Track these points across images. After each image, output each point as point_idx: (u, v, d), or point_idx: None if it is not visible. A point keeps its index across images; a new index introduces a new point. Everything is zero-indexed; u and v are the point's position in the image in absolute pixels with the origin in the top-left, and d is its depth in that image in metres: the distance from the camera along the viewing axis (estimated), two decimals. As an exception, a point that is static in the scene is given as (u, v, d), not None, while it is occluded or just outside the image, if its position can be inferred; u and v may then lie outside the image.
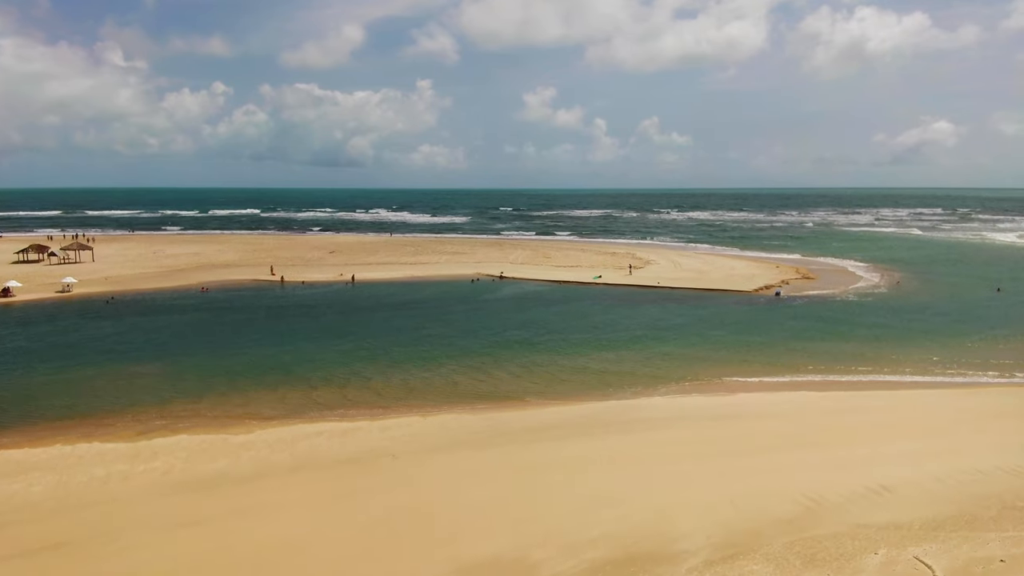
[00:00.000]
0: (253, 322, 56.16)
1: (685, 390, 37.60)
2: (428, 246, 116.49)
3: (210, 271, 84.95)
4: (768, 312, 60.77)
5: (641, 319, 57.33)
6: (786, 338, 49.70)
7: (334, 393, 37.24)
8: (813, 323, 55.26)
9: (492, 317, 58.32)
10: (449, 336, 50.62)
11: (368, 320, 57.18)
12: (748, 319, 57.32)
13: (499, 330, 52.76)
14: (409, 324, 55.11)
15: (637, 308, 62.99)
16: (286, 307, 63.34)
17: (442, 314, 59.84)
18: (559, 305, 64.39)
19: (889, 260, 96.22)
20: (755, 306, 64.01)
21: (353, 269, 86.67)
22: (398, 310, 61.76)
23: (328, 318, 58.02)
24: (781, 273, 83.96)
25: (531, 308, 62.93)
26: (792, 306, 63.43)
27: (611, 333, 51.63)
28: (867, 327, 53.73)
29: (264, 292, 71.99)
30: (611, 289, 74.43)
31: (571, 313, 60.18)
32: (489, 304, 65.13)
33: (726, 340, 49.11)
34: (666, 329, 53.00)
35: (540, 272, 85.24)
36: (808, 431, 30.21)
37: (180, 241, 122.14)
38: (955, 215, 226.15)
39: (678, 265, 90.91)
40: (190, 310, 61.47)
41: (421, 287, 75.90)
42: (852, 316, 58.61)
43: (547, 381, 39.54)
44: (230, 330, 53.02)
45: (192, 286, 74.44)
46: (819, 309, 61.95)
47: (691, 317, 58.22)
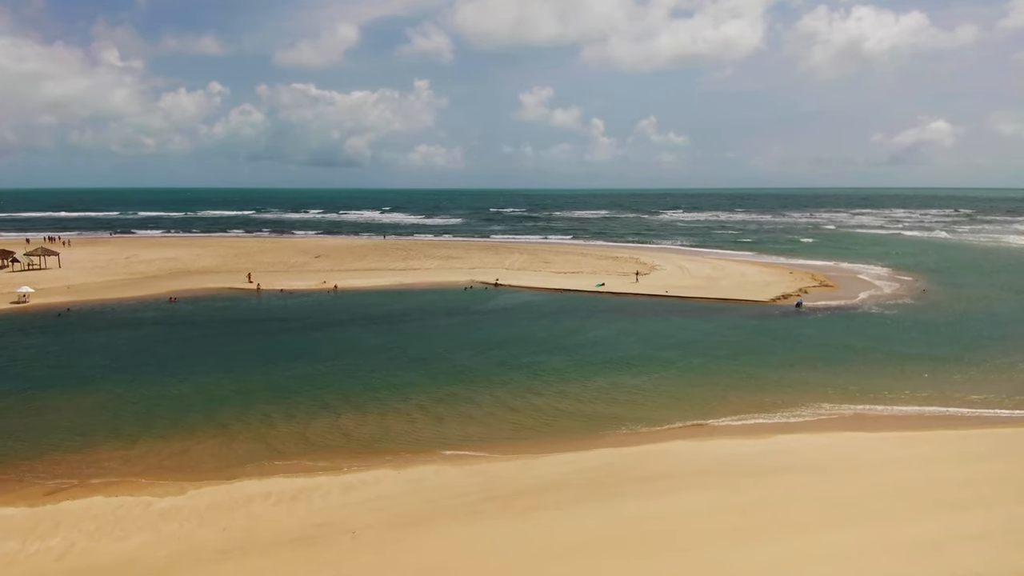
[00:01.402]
0: (216, 340, 50.15)
1: (709, 430, 31.76)
2: (420, 250, 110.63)
3: (183, 278, 78.93)
4: (788, 326, 55.00)
5: (650, 335, 51.53)
6: (814, 359, 43.93)
7: (294, 434, 31.32)
8: (841, 340, 49.48)
9: (484, 332, 52.44)
10: (435, 357, 44.71)
11: (346, 337, 51.26)
12: (768, 335, 51.53)
13: (492, 348, 46.92)
14: (391, 342, 49.21)
15: (645, 321, 57.20)
16: (257, 321, 57.33)
17: (429, 329, 53.97)
18: (559, 318, 58.50)
19: (908, 266, 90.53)
20: (773, 319, 58.26)
21: (338, 275, 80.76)
22: (381, 324, 55.85)
23: (301, 335, 52.04)
24: (796, 280, 78.24)
25: (528, 322, 57.08)
26: (813, 320, 57.66)
27: (617, 352, 45.78)
28: (903, 344, 48.04)
29: (237, 302, 66.00)
30: (615, 299, 68.60)
31: (573, 329, 54.24)
32: (482, 316, 59.25)
33: (747, 361, 43.30)
34: (678, 347, 47.17)
35: (538, 279, 79.39)
36: (868, 493, 24.36)
37: (159, 244, 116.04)
38: (964, 216, 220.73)
39: (686, 271, 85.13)
40: (150, 324, 55.46)
41: (409, 296, 69.99)
42: (883, 332, 52.83)
43: (546, 416, 33.69)
44: (188, 350, 47.02)
45: (160, 295, 68.43)
46: (844, 323, 56.17)
47: (704, 332, 52.44)
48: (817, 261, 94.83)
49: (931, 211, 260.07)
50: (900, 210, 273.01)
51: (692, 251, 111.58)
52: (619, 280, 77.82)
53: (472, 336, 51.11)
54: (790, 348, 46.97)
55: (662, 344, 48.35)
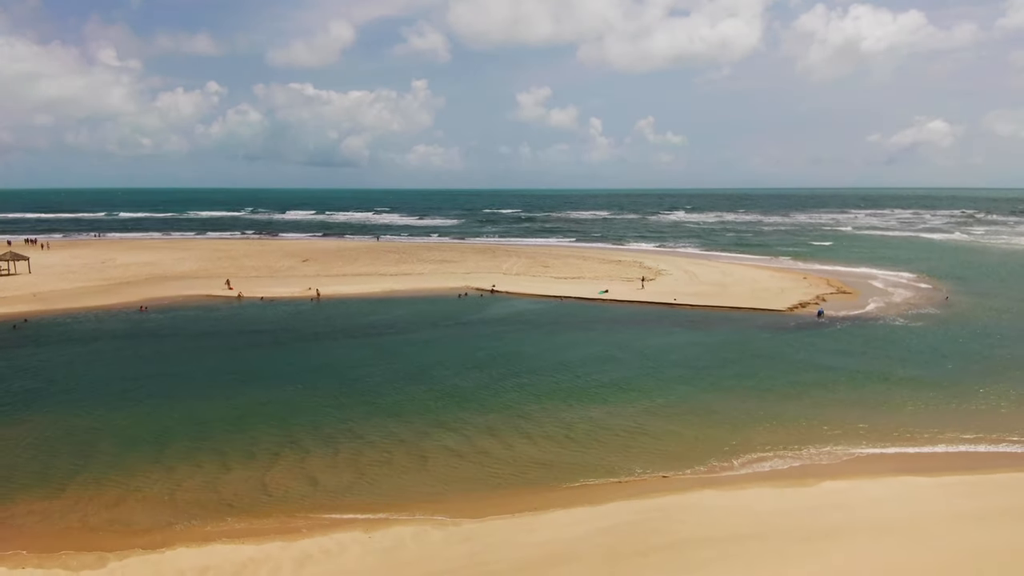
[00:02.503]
0: (179, 357, 45.22)
1: (738, 476, 26.98)
2: (414, 253, 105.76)
3: (160, 285, 73.96)
4: (809, 340, 50.28)
5: (658, 351, 46.80)
6: (842, 382, 39.12)
7: (250, 480, 26.49)
8: (868, 358, 44.74)
9: (476, 348, 47.59)
10: (419, 378, 39.84)
11: (325, 353, 46.41)
12: (788, 351, 46.78)
13: (483, 368, 42.11)
14: (372, 359, 44.37)
15: (652, 334, 52.45)
16: (229, 334, 52.36)
17: (416, 344, 49.12)
18: (558, 331, 53.72)
19: (925, 271, 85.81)
20: (792, 331, 53.57)
21: (325, 281, 75.93)
22: (363, 338, 51.02)
23: (274, 351, 47.15)
24: (812, 286, 73.52)
25: (527, 334, 52.33)
26: (834, 332, 52.93)
27: (623, 372, 40.97)
28: (935, 364, 43.32)
29: (212, 312, 61.07)
30: (620, 307, 63.86)
31: (573, 343, 49.42)
32: (474, 328, 54.40)
33: (769, 384, 38.53)
34: (690, 367, 42.40)
35: (537, 285, 74.60)
36: (951, 564, 19.67)
37: (139, 247, 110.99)
38: (970, 217, 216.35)
39: (693, 276, 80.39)
40: (111, 338, 50.54)
41: (399, 304, 65.14)
42: (911, 347, 48.12)
43: (548, 457, 28.84)
44: (146, 369, 42.12)
45: (131, 304, 63.51)
46: (868, 337, 51.40)
47: (718, 347, 47.74)
48: (830, 266, 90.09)
49: (937, 212, 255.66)
50: (905, 211, 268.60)
51: (699, 254, 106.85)
52: (623, 286, 73.03)
53: (461, 352, 46.25)
54: (814, 368, 42.13)
55: (672, 362, 43.59)
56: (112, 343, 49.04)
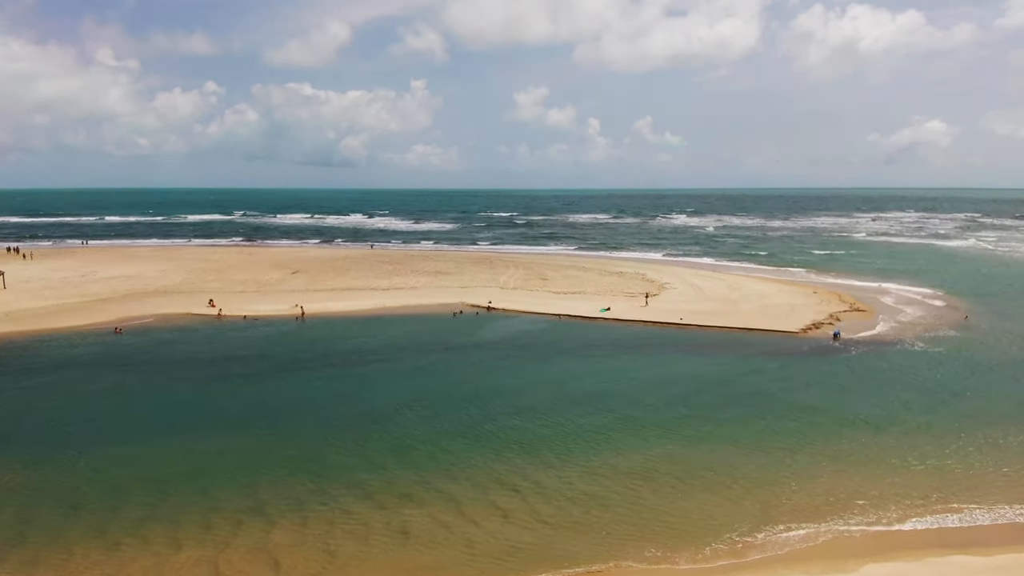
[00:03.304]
0: (145, 392, 41.75)
1: (769, 561, 23.47)
2: (408, 263, 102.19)
3: (139, 302, 70.41)
4: (825, 369, 47.02)
5: (664, 383, 43.50)
6: (869, 427, 35.73)
7: (204, 564, 22.99)
8: (891, 394, 41.43)
9: (464, 381, 44.24)
10: (408, 421, 36.39)
11: (301, 386, 42.94)
12: (804, 384, 43.40)
13: (469, 405, 38.74)
14: (353, 395, 41.02)
15: (657, 361, 49.23)
16: (202, 362, 48.75)
17: (403, 373, 45.75)
18: (556, 358, 50.24)
19: (939, 284, 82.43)
20: (806, 357, 50.32)
21: (314, 296, 72.50)
22: (347, 366, 47.58)
23: (248, 384, 43.51)
24: (823, 302, 70.17)
25: (518, 364, 48.92)
26: (852, 359, 49.59)
27: (625, 414, 37.45)
28: (964, 399, 40.24)
29: (190, 334, 57.54)
30: (622, 327, 60.50)
31: (571, 375, 45.96)
32: (466, 356, 50.87)
33: (787, 430, 35.04)
34: (698, 405, 39.05)
35: (536, 301, 71.16)
36: None
37: (124, 257, 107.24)
38: (974, 222, 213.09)
39: (699, 290, 76.99)
40: (77, 367, 47.05)
41: (389, 324, 61.71)
42: (935, 378, 44.92)
43: (525, 538, 25.28)
44: (106, 407, 38.73)
45: (107, 324, 60.01)
46: (887, 366, 48.04)
47: (728, 379, 44.46)
48: (841, 279, 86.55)
49: (940, 215, 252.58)
50: (908, 213, 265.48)
51: (702, 264, 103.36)
52: (626, 303, 69.61)
53: (445, 387, 42.76)
54: (833, 410, 38.51)
55: (675, 399, 40.15)
56: (76, 373, 45.54)
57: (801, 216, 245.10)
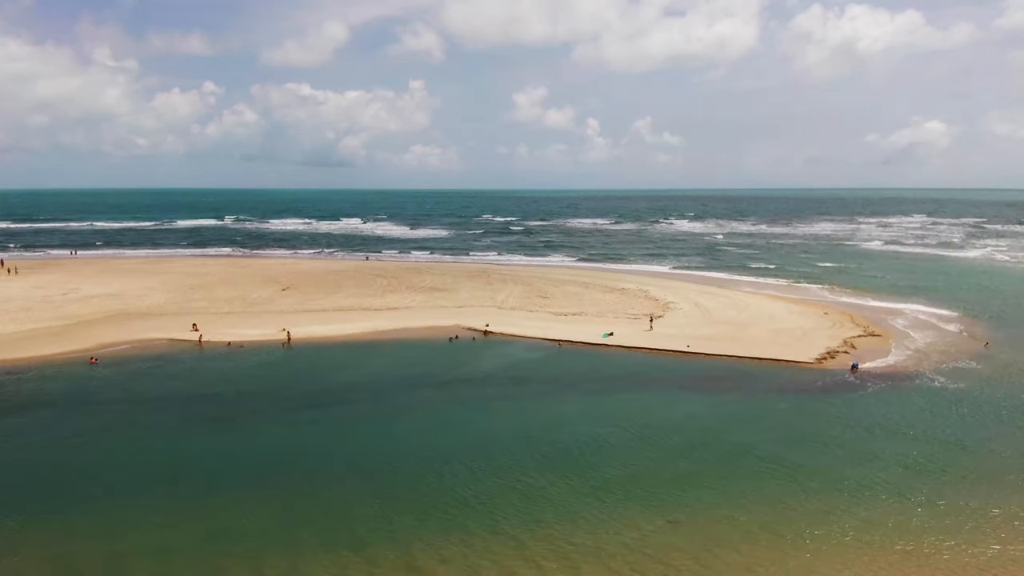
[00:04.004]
0: (104, 442, 38.49)
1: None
2: (403, 277, 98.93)
3: (120, 325, 67.15)
4: (842, 410, 44.04)
5: (667, 428, 40.64)
6: (899, 493, 32.48)
7: None
8: (914, 443, 38.48)
9: (452, 426, 41.49)
10: (391, 481, 33.24)
11: (276, 435, 39.76)
12: (820, 434, 40.11)
13: (451, 460, 35.49)
14: (331, 447, 37.86)
15: (660, 399, 46.43)
16: (177, 400, 45.50)
17: (388, 416, 42.74)
18: (552, 396, 47.20)
19: (954, 303, 79.30)
20: (821, 395, 47.28)
21: (302, 319, 69.31)
22: (329, 406, 44.48)
23: (218, 433, 40.08)
24: (835, 325, 67.09)
25: (512, 403, 46.13)
26: (870, 398, 46.45)
27: (622, 471, 34.29)
28: (1000, 456, 36.93)
29: (168, 366, 54.30)
30: (626, 355, 57.51)
31: (567, 418, 42.82)
32: (457, 393, 47.77)
33: (803, 502, 31.33)
34: (704, 459, 35.93)
35: (535, 324, 68.00)
36: None
37: (110, 271, 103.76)
38: (979, 228, 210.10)
39: (705, 311, 73.85)
40: (41, 407, 43.83)
41: (380, 351, 58.65)
42: (964, 426, 41.92)
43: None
44: (57, 459, 35.63)
45: (84, 353, 56.80)
46: (909, 406, 44.91)
47: (737, 423, 41.51)
48: (851, 298, 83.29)
49: (944, 219, 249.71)
50: (912, 218, 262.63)
51: (706, 279, 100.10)
52: (629, 326, 66.47)
53: (431, 434, 39.79)
54: (854, 464, 35.36)
55: (678, 450, 37.14)
56: (39, 416, 42.34)
57: (803, 222, 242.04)
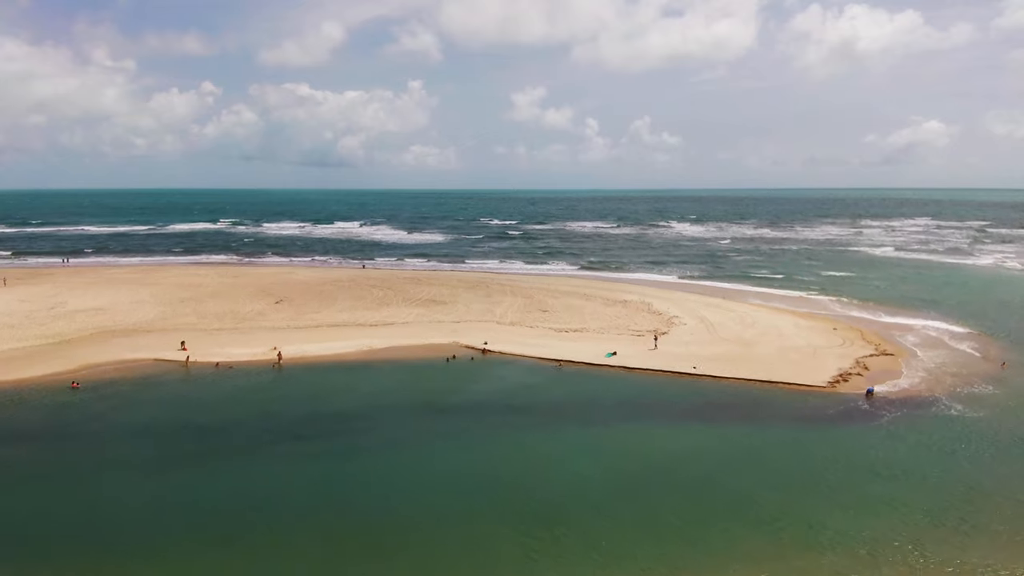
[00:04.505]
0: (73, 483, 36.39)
1: None
2: (400, 288, 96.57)
3: (105, 344, 64.82)
4: (856, 443, 42.06)
5: (669, 469, 38.52)
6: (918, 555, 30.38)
7: None
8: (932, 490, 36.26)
9: (457, 462, 39.37)
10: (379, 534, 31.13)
11: (263, 474, 37.58)
12: (841, 473, 38.00)
13: (467, 501, 33.46)
14: (323, 492, 35.55)
15: (668, 433, 44.26)
16: (159, 431, 43.23)
17: (374, 453, 40.81)
18: (549, 430, 45.15)
19: (967, 318, 77.12)
20: (836, 425, 45.27)
21: (294, 336, 67.13)
22: (314, 440, 42.31)
23: (200, 470, 37.90)
24: (845, 342, 64.91)
25: (517, 430, 44.43)
26: (883, 429, 44.26)
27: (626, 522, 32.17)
28: None
29: (152, 390, 52.04)
30: (629, 377, 55.40)
31: (573, 453, 41.00)
32: (459, 423, 45.70)
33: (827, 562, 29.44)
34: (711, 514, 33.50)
35: (535, 341, 65.77)
36: None
37: (99, 282, 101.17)
38: (982, 232, 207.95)
39: (710, 326, 71.59)
40: (12, 440, 41.72)
41: (374, 373, 56.53)
42: (982, 461, 39.85)
43: None
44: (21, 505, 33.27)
45: (65, 376, 54.66)
46: (926, 439, 42.75)
47: (746, 463, 39.36)
48: (860, 311, 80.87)
49: (948, 222, 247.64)
50: (914, 220, 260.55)
51: (710, 289, 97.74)
52: (632, 344, 64.25)
53: (417, 478, 37.44)
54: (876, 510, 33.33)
55: (682, 501, 34.83)
56: (5, 452, 40.12)
57: (806, 225, 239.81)
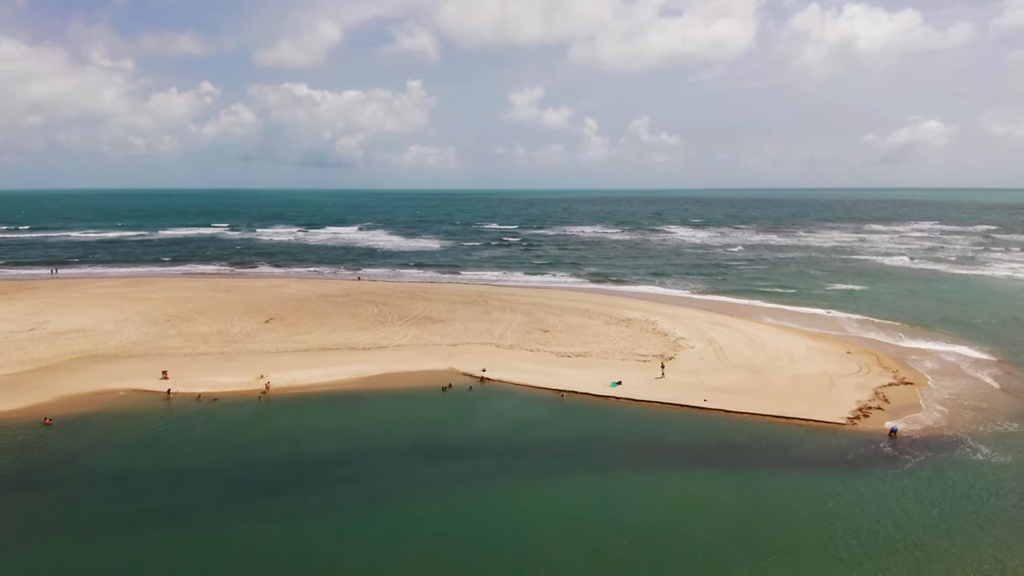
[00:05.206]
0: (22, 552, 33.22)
1: None
2: (395, 304, 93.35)
3: (84, 371, 61.68)
4: (883, 498, 38.80)
5: (677, 530, 35.27)
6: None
7: None
8: (964, 553, 33.30)
9: (455, 517, 36.40)
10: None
11: (237, 542, 34.40)
12: (862, 536, 34.94)
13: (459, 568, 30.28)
14: (303, 559, 32.43)
15: (675, 481, 41.14)
16: (129, 482, 40.08)
17: (375, 506, 37.65)
18: (559, 474, 42.13)
19: (984, 339, 74.10)
20: (858, 471, 42.13)
21: (283, 361, 64.15)
22: (305, 493, 39.08)
23: (169, 534, 34.78)
24: (861, 369, 61.94)
25: (515, 479, 41.43)
26: (909, 476, 41.21)
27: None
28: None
29: (128, 428, 48.84)
30: (636, 410, 52.46)
31: (574, 510, 37.82)
32: (452, 471, 42.57)
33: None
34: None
35: (535, 367, 62.73)
36: None
37: (86, 299, 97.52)
38: (989, 238, 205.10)
39: (718, 349, 68.51)
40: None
41: (365, 406, 53.64)
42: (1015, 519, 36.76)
43: None
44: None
45: (38, 411, 51.70)
46: (954, 490, 39.60)
47: (763, 521, 36.07)
48: (873, 332, 77.37)
49: (952, 227, 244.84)
50: (919, 225, 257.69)
51: (714, 303, 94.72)
52: (638, 372, 61.23)
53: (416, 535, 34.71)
54: None
55: (693, 569, 31.73)
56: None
57: (808, 230, 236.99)
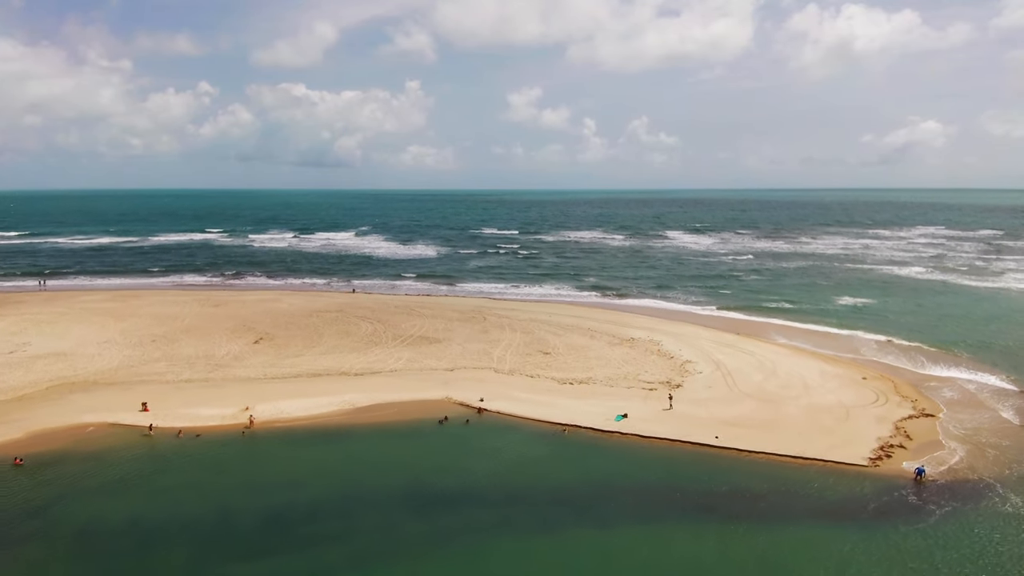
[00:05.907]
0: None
1: None
2: (390, 321, 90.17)
3: (61, 401, 58.54)
4: (915, 548, 35.89)
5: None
6: None
7: None
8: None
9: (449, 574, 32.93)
10: None
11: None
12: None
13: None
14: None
15: (690, 539, 37.93)
16: (98, 538, 36.90)
17: (362, 568, 34.21)
18: (559, 530, 38.98)
19: (1004, 365, 70.78)
20: (883, 524, 38.99)
21: (270, 389, 61.16)
22: (289, 552, 35.87)
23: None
24: (879, 398, 59.04)
25: (513, 534, 38.12)
26: (934, 530, 38.28)
27: None
28: None
29: (102, 470, 45.67)
30: (642, 448, 49.44)
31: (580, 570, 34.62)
32: (448, 524, 39.33)
33: None
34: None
35: (535, 397, 59.70)
36: None
37: (70, 316, 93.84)
38: (994, 244, 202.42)
39: (727, 375, 65.50)
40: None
41: (355, 443, 50.70)
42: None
43: None
44: None
45: (8, 449, 48.74)
46: (984, 549, 36.68)
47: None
48: (888, 356, 73.63)
49: (957, 232, 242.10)
50: (924, 230, 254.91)
51: (720, 320, 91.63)
52: (645, 402, 58.24)
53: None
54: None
55: None
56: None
57: (810, 235, 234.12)
